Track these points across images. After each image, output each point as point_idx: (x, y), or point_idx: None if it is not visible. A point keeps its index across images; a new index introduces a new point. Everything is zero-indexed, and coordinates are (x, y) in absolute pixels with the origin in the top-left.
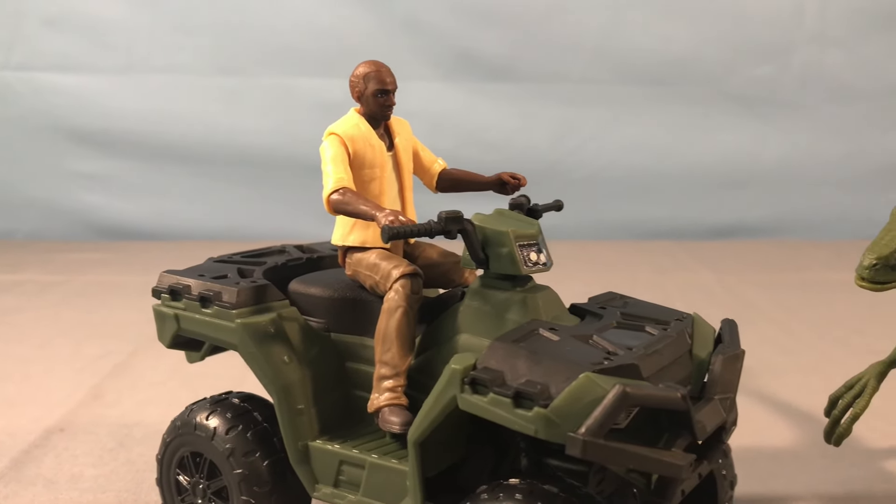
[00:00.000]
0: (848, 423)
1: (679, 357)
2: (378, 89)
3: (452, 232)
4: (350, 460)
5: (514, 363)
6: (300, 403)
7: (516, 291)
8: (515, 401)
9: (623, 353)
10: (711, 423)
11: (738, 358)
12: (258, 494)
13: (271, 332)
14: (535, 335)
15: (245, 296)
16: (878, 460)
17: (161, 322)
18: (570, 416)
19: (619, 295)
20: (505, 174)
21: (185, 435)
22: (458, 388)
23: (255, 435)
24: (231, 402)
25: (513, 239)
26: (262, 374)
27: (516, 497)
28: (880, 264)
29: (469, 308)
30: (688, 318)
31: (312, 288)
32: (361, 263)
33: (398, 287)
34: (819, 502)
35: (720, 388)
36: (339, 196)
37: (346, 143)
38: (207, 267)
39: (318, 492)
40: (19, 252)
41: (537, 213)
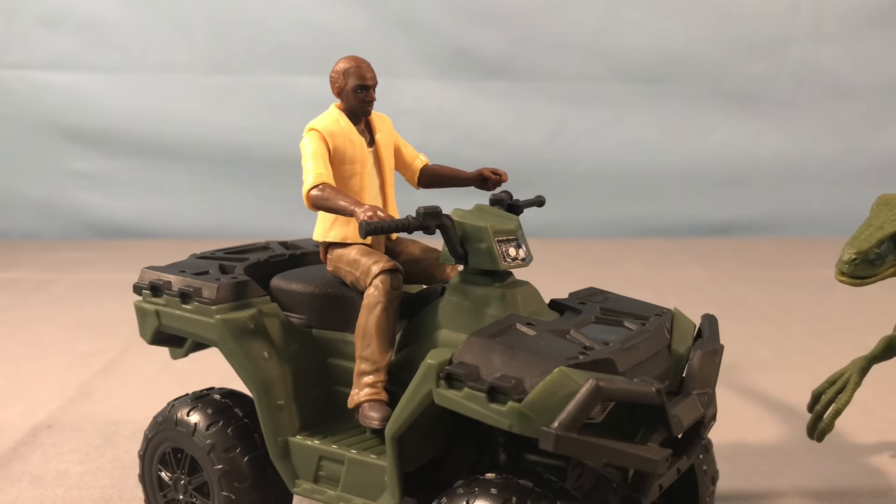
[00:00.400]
0: (830, 419)
1: (657, 352)
2: (358, 85)
3: (431, 227)
4: (329, 456)
5: (490, 358)
6: (280, 399)
7: (495, 287)
8: (490, 395)
9: (599, 348)
10: (688, 418)
11: (716, 353)
12: (238, 490)
13: (251, 328)
14: (512, 330)
15: (225, 292)
16: (864, 456)
17: (142, 318)
18: (543, 410)
19: (599, 290)
20: (486, 170)
21: (167, 431)
22: (434, 382)
23: (236, 431)
24: (212, 398)
25: (491, 234)
26: (241, 370)
27: (491, 492)
28: (860, 259)
29: (449, 303)
30: (667, 313)
31: (294, 284)
32: (342, 259)
33: (378, 283)
34: (803, 498)
35: (698, 383)
36: (319, 192)
37: (325, 139)
38: (189, 263)
39: (298, 487)
40: (14, 251)
41: (518, 208)
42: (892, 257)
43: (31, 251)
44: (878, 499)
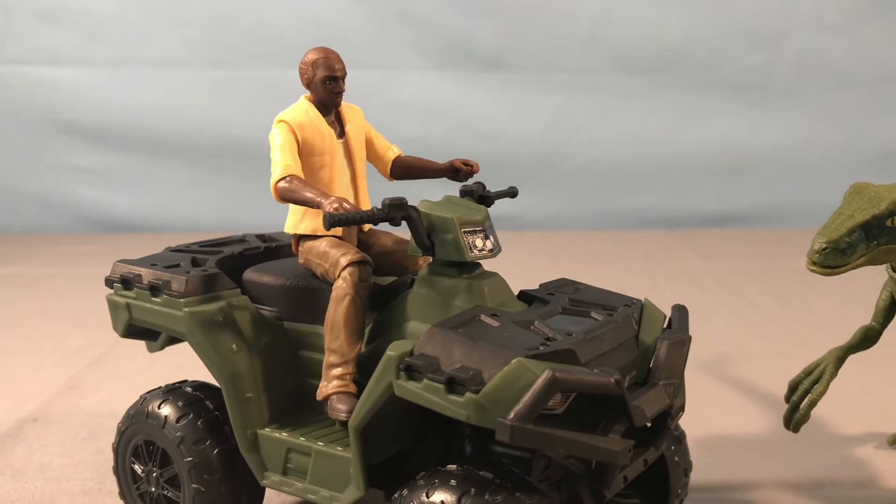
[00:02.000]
0: (806, 409)
1: (624, 342)
2: (326, 76)
3: (396, 219)
4: (297, 448)
5: (450, 349)
6: (249, 392)
7: (462, 278)
8: (448, 386)
9: (561, 339)
10: (652, 409)
11: (684, 343)
12: (208, 482)
13: (219, 321)
14: (475, 321)
15: (194, 284)
16: (847, 446)
17: (114, 311)
18: (501, 401)
19: (570, 281)
20: (457, 161)
21: (138, 423)
22: (394, 374)
23: (206, 423)
24: (184, 390)
25: (457, 225)
26: (209, 362)
27: (450, 483)
28: (830, 248)
29: (417, 295)
30: (637, 303)
31: (266, 276)
32: (312, 251)
33: (346, 275)
34: (782, 489)
35: (665, 374)
36: (286, 184)
37: (294, 131)
38: (162, 256)
39: (267, 479)
40: (14, 246)
41: (489, 199)
42: (863, 246)
43: (30, 246)
44: (858, 490)
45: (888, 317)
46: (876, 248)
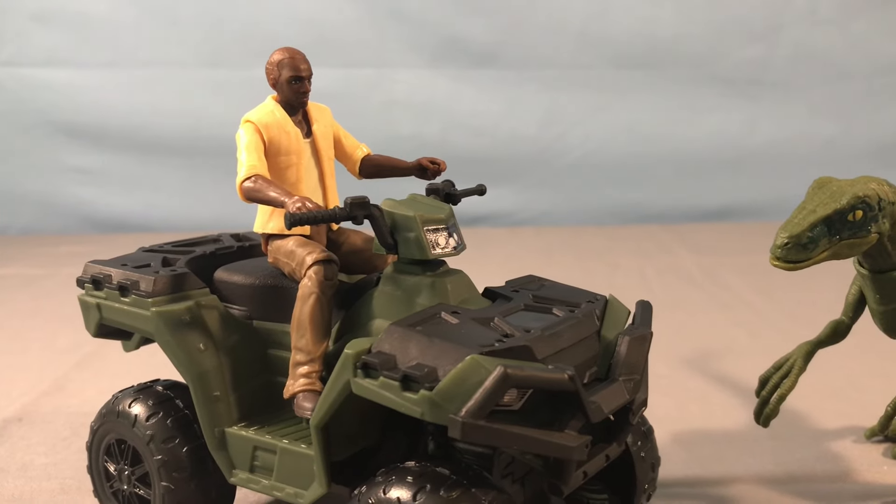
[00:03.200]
0: (775, 404)
1: (584, 338)
2: (292, 76)
3: (359, 217)
4: (263, 446)
5: (407, 346)
6: (216, 390)
7: (426, 276)
8: (403, 384)
9: (519, 335)
10: (611, 405)
11: (644, 339)
12: (178, 480)
13: (187, 320)
14: (435, 319)
15: (162, 284)
16: (825, 440)
17: (85, 311)
18: (454, 398)
19: (537, 278)
20: (424, 159)
21: (110, 422)
22: (352, 372)
23: (176, 422)
24: (155, 389)
25: (420, 223)
26: (177, 361)
27: (407, 479)
28: (792, 243)
29: (382, 293)
30: (601, 299)
31: (235, 276)
32: (280, 251)
33: (311, 274)
34: (756, 483)
35: (625, 370)
36: (251, 183)
37: (260, 131)
38: (134, 256)
39: (235, 477)
40: (12, 246)
41: (455, 198)
42: (826, 241)
43: (28, 246)
44: (833, 483)
45: (857, 311)
46: (839, 242)
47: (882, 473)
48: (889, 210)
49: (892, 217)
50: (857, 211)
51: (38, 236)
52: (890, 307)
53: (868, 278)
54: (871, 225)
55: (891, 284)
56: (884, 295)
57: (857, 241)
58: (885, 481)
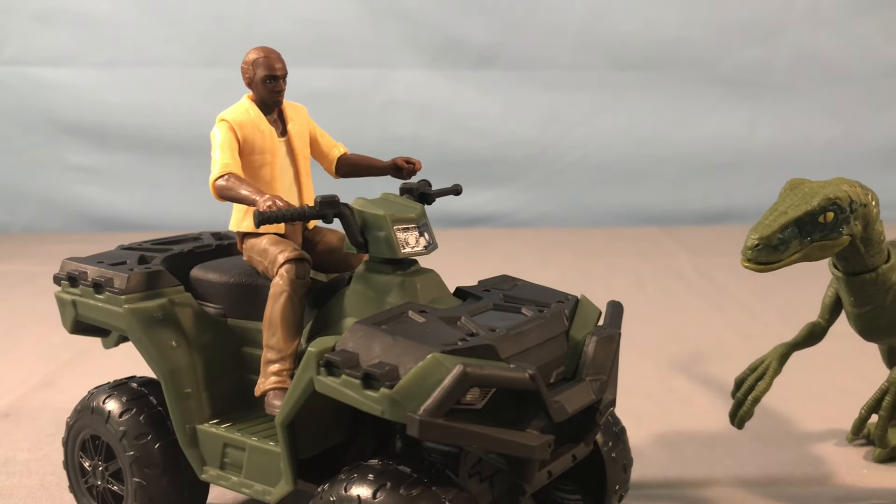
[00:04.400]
0: (749, 405)
1: (552, 338)
2: (266, 75)
3: (328, 216)
4: (233, 443)
5: (371, 345)
6: (188, 387)
7: (396, 275)
8: (365, 382)
9: (484, 334)
10: (575, 404)
11: (612, 339)
12: (150, 476)
13: (159, 318)
14: (401, 317)
15: (135, 281)
16: (807, 443)
17: (62, 308)
18: (414, 396)
19: (510, 277)
20: (399, 159)
21: (85, 418)
22: (315, 370)
23: (149, 418)
24: (129, 386)
25: (389, 222)
26: (149, 358)
27: (368, 477)
28: (762, 245)
29: (354, 292)
30: (571, 299)
31: (211, 274)
32: (254, 249)
33: (283, 272)
34: (734, 486)
35: (592, 370)
36: (224, 182)
37: (234, 129)
38: (111, 254)
39: (205, 473)
40: (13, 244)
41: (430, 197)
42: (797, 242)
43: (30, 244)
44: (811, 487)
45: (834, 314)
46: (810, 244)
47: (861, 477)
48: (861, 212)
49: (865, 219)
50: (828, 213)
51: (39, 234)
52: (864, 310)
53: (842, 281)
54: (843, 227)
55: (865, 287)
56: (858, 297)
57: (829, 242)
58: (864, 485)
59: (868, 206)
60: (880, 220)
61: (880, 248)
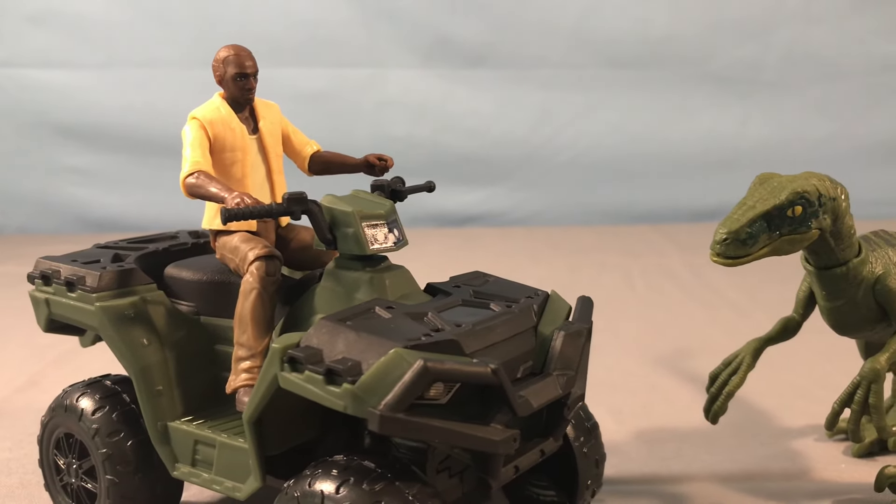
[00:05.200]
0: (723, 401)
1: (519, 333)
2: (237, 73)
3: (296, 213)
4: (203, 440)
5: (335, 341)
6: (159, 385)
7: (365, 271)
8: (327, 377)
9: (449, 329)
10: (540, 399)
11: (580, 334)
12: (122, 473)
13: (131, 316)
14: (368, 313)
15: (107, 280)
16: (787, 439)
17: (36, 307)
18: (376, 391)
19: (482, 274)
20: (371, 156)
21: (59, 416)
22: (279, 366)
23: (121, 416)
24: (103, 384)
25: (357, 219)
26: (120, 356)
27: (332, 473)
28: (731, 239)
29: (324, 289)
30: (541, 295)
31: (184, 272)
32: (226, 247)
33: (253, 269)
34: (711, 481)
35: (559, 364)
36: (194, 179)
37: (205, 127)
38: (86, 252)
39: (177, 470)
40: (7, 245)
41: (402, 194)
42: (766, 236)
43: (23, 246)
44: (789, 482)
45: (808, 308)
46: (779, 238)
47: (839, 472)
48: (830, 206)
49: (834, 213)
50: (796, 206)
51: (33, 235)
52: (836, 304)
53: (814, 275)
54: (812, 221)
55: (836, 281)
56: (830, 292)
57: (798, 236)
58: (841, 480)
59: (837, 200)
60: (850, 213)
61: (851, 242)
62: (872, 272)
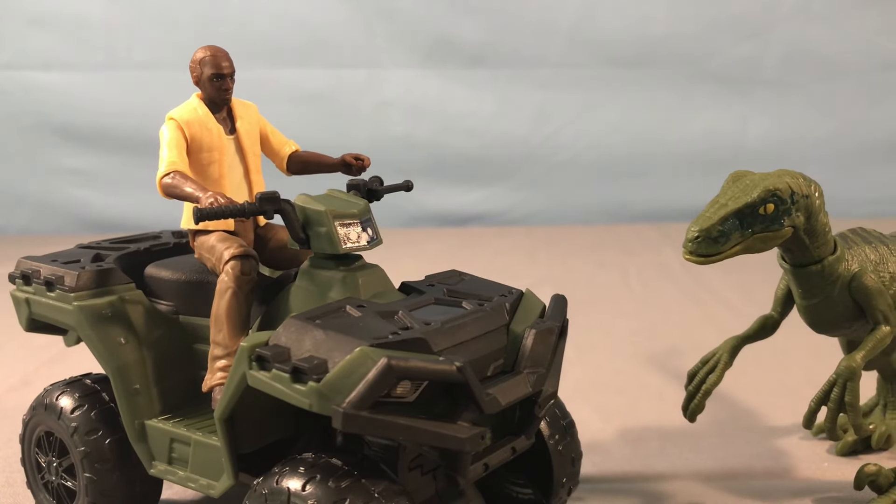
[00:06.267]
0: (700, 399)
1: (490, 331)
2: (213, 74)
3: (269, 212)
4: (179, 438)
5: (303, 339)
6: (136, 383)
7: (339, 270)
8: (294, 376)
9: (417, 328)
10: (509, 397)
11: (551, 332)
12: (100, 471)
13: (108, 315)
14: (338, 312)
15: (85, 279)
16: (772, 437)
17: (17, 306)
18: (341, 389)
19: (458, 272)
20: (348, 156)
21: (39, 415)
22: (247, 365)
23: (100, 414)
24: (83, 382)
25: (330, 218)
26: (97, 355)
27: (299, 470)
28: (702, 237)
29: (299, 288)
30: (514, 293)
31: (164, 271)
32: (203, 246)
33: (228, 269)
34: (694, 480)
35: (530, 362)
36: (170, 179)
37: (182, 128)
38: (67, 252)
39: (154, 468)
40: (9, 247)
41: (378, 193)
42: (738, 234)
43: (25, 247)
44: (771, 480)
45: (787, 306)
46: (751, 236)
47: (822, 470)
48: (803, 203)
49: (807, 210)
50: (768, 204)
51: (35, 236)
52: (812, 302)
53: (790, 272)
54: (784, 218)
55: (811, 278)
56: (806, 290)
57: (771, 234)
58: (824, 478)
59: (811, 198)
60: (825, 211)
61: (825, 239)
62: (848, 270)
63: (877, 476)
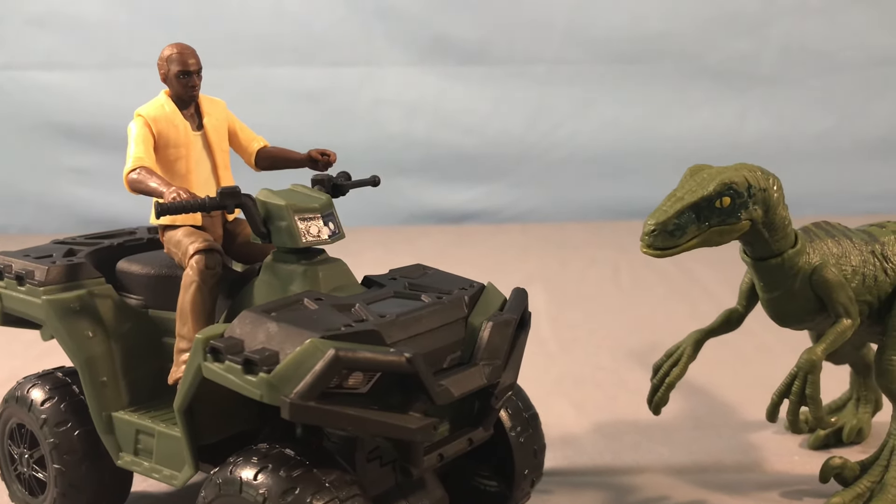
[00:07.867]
0: (664, 392)
1: (447, 324)
2: (180, 71)
3: (229, 207)
4: (144, 429)
5: (256, 332)
6: (104, 376)
7: (300, 264)
8: (246, 367)
9: (372, 320)
10: (462, 388)
11: (508, 324)
12: (69, 462)
13: (76, 308)
14: (295, 305)
15: (55, 274)
16: (745, 432)
17: None
18: (291, 380)
19: (422, 266)
20: (314, 151)
21: (11, 407)
22: (202, 356)
23: (70, 406)
24: (55, 375)
25: (290, 212)
26: (66, 347)
27: (252, 460)
28: (659, 230)
29: (262, 282)
30: (475, 286)
31: (134, 266)
32: (171, 241)
33: (193, 263)
34: (663, 473)
35: (486, 354)
36: (136, 175)
37: (149, 124)
38: (41, 248)
39: (121, 459)
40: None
41: (343, 188)
42: (694, 228)
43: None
44: (740, 473)
45: (751, 300)
46: (708, 229)
47: (792, 463)
48: (761, 196)
49: (765, 203)
50: (724, 198)
51: (36, 235)
52: (773, 295)
53: (751, 266)
54: (742, 212)
55: (772, 272)
56: (767, 283)
57: (728, 227)
58: (793, 471)
59: (768, 191)
60: (784, 204)
61: (785, 232)
62: (809, 263)
63: (842, 469)
